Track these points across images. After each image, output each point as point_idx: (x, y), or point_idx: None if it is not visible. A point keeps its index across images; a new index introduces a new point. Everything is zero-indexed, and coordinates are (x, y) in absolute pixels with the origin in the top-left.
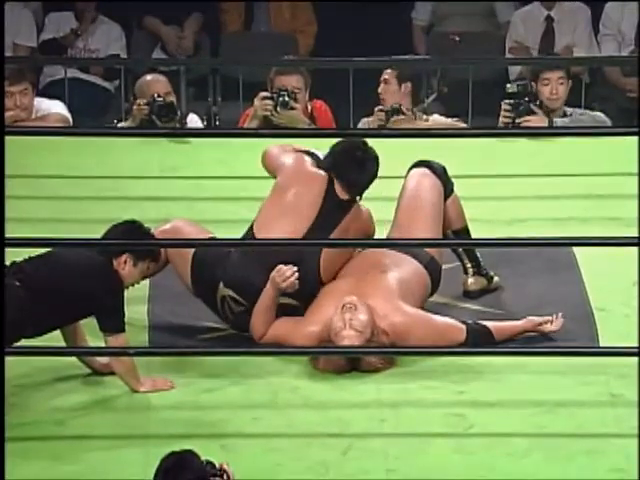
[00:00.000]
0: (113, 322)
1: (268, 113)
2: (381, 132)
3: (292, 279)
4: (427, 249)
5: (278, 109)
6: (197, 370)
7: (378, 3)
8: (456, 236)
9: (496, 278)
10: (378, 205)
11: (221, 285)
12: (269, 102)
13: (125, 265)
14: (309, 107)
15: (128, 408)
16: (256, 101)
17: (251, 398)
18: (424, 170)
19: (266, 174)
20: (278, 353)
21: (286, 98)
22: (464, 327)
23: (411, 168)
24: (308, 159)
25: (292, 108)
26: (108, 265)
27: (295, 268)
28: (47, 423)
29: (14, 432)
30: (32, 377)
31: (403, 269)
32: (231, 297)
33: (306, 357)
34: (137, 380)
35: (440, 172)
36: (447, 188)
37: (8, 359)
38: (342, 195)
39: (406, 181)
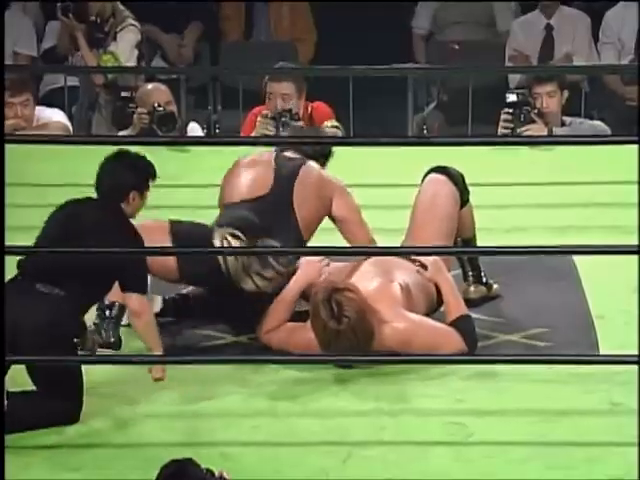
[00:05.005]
0: (134, 281)
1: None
2: (379, 140)
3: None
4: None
5: (281, 130)
6: (196, 378)
7: (378, 12)
8: (465, 245)
9: (495, 286)
10: (381, 213)
11: (217, 232)
12: (271, 122)
13: (134, 201)
14: (309, 108)
15: (127, 416)
16: (258, 122)
17: (250, 406)
18: (442, 177)
19: None
20: (277, 362)
21: (288, 119)
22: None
23: (428, 173)
24: None
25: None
26: (126, 224)
27: (326, 261)
28: (46, 432)
29: (13, 441)
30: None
31: (411, 278)
32: (230, 234)
33: (305, 365)
34: (156, 340)
35: (458, 180)
36: (463, 197)
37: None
38: (292, 154)
39: (423, 187)
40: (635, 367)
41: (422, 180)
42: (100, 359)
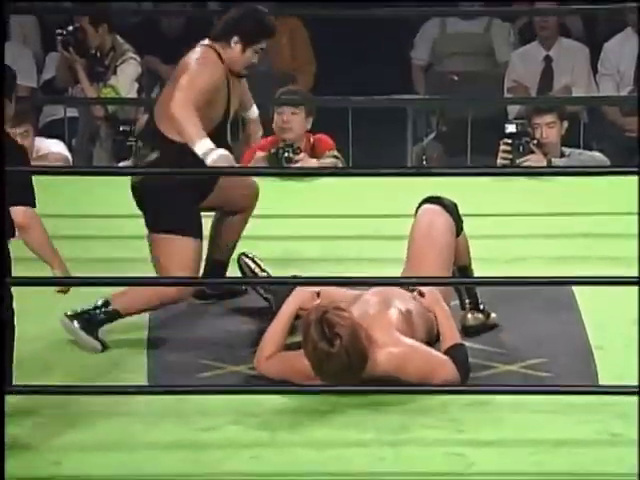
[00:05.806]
0: (18, 194)
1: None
2: (379, 171)
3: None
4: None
5: (283, 162)
6: (196, 409)
7: (378, 43)
8: (460, 272)
9: (493, 315)
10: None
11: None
12: (272, 156)
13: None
14: (311, 140)
15: (125, 447)
16: (254, 161)
17: (250, 436)
18: (437, 208)
19: (266, 209)
20: (276, 392)
21: (290, 154)
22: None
23: (422, 203)
24: None
25: (296, 161)
26: (15, 146)
27: (317, 289)
28: (45, 462)
29: (12, 472)
30: (31, 414)
31: (411, 305)
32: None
33: (305, 394)
34: (51, 254)
35: (452, 210)
36: (458, 226)
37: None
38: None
39: (418, 218)
40: (635, 398)
41: (416, 211)
42: (97, 389)
